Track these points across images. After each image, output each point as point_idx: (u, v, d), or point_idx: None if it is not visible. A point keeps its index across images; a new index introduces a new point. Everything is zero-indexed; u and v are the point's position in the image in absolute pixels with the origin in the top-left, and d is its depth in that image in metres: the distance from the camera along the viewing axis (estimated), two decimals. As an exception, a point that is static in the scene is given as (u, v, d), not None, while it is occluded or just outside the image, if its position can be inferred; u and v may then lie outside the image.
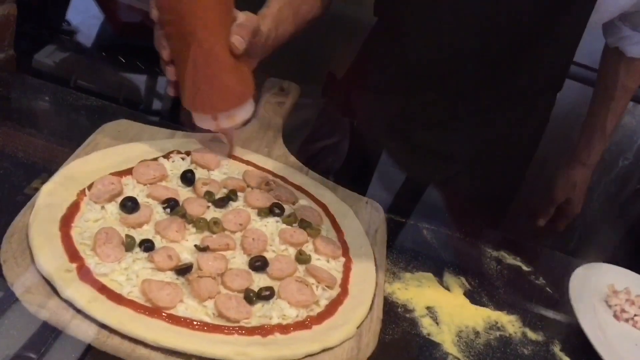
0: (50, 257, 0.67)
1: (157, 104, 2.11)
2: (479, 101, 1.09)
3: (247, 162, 0.95)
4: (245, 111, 0.90)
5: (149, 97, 2.08)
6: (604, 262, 1.03)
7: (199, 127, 0.91)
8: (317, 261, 0.82)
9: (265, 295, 0.73)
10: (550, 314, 0.92)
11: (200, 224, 0.79)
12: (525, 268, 1.00)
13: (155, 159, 0.88)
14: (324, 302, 0.76)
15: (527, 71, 1.05)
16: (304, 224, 0.86)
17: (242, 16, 0.86)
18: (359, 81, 1.21)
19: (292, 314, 0.72)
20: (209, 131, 0.92)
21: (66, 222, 0.73)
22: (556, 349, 0.85)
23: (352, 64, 1.26)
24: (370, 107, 1.20)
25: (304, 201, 0.91)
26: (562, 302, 0.94)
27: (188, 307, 0.68)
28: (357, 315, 0.75)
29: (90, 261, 0.68)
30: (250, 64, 0.91)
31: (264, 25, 0.91)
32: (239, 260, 0.77)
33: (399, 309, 0.83)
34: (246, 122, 0.95)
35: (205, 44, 0.82)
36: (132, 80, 2.03)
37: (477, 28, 0.99)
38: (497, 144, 1.15)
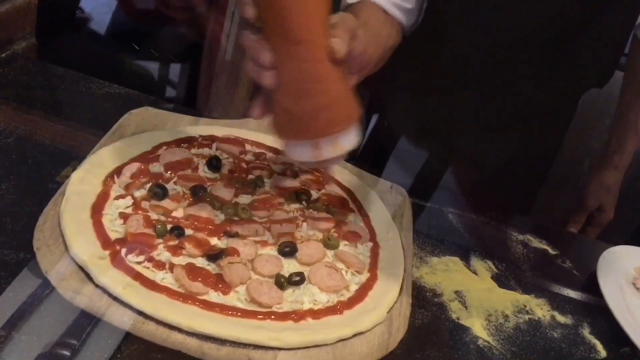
0: (83, 244, 0.67)
1: (170, 92, 2.11)
2: (521, 101, 1.06)
3: (272, 149, 0.95)
4: (350, 138, 0.73)
5: (162, 84, 2.08)
6: (630, 244, 1.02)
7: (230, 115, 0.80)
8: (345, 246, 0.82)
9: (296, 280, 0.73)
10: (578, 297, 0.91)
11: (228, 210, 0.79)
12: (551, 251, 0.99)
13: (181, 146, 0.88)
14: (353, 287, 0.76)
15: (573, 66, 1.02)
16: (331, 210, 0.86)
17: (336, 16, 0.71)
18: (393, 78, 1.18)
19: (323, 299, 0.72)
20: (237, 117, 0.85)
21: (97, 210, 0.73)
22: (585, 331, 0.85)
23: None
24: (402, 106, 1.18)
25: (329, 186, 0.91)
26: (589, 285, 0.93)
27: (220, 293, 0.69)
28: (387, 299, 0.75)
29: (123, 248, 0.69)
30: (348, 79, 0.75)
31: (360, 30, 0.75)
32: (268, 246, 0.77)
33: (428, 294, 0.82)
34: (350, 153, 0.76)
35: (306, 47, 0.66)
36: (146, 67, 2.03)
37: (523, 20, 0.96)
38: (530, 144, 1.13)
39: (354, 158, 1.35)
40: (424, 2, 0.92)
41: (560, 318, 0.86)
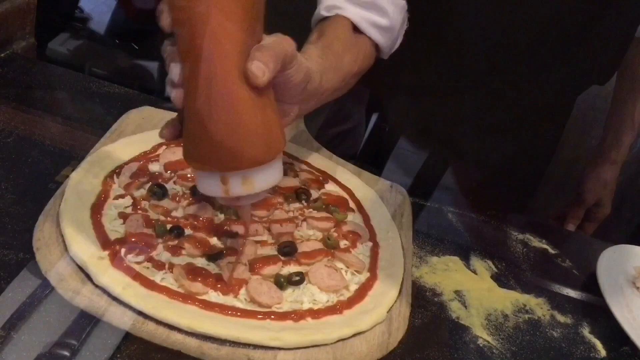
0: (82, 244, 0.67)
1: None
2: (520, 101, 1.06)
3: (271, 148, 0.94)
4: (267, 177, 0.64)
5: (162, 84, 2.08)
6: (630, 244, 1.02)
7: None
8: (345, 246, 0.81)
9: (296, 280, 0.73)
10: (578, 296, 0.91)
11: (228, 210, 0.79)
12: (551, 251, 0.99)
13: (181, 145, 0.87)
14: (353, 287, 0.76)
15: (575, 67, 1.02)
16: (331, 209, 0.86)
17: (269, 39, 0.62)
18: (393, 78, 1.14)
19: (323, 299, 0.72)
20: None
21: (96, 210, 0.73)
22: (585, 331, 0.85)
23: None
24: (402, 106, 1.18)
25: (329, 186, 0.91)
26: (589, 284, 0.93)
27: (220, 293, 0.69)
28: (387, 299, 0.75)
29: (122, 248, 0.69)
30: (280, 111, 0.66)
31: (308, 61, 0.68)
32: (267, 246, 0.77)
33: (428, 293, 0.82)
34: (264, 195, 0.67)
35: (215, 67, 0.58)
36: (146, 66, 2.03)
37: (524, 21, 0.96)
38: (529, 143, 1.13)
39: (354, 158, 1.36)
40: (404, 24, 0.90)
41: (560, 317, 0.86)
